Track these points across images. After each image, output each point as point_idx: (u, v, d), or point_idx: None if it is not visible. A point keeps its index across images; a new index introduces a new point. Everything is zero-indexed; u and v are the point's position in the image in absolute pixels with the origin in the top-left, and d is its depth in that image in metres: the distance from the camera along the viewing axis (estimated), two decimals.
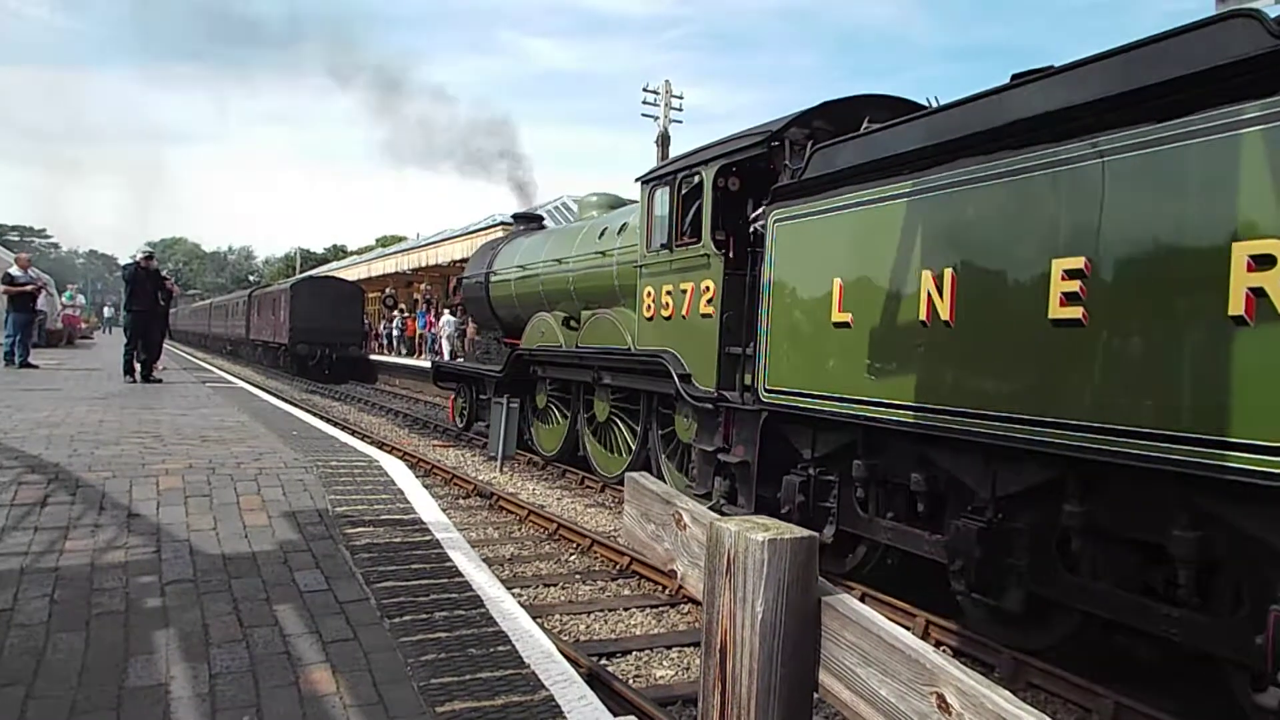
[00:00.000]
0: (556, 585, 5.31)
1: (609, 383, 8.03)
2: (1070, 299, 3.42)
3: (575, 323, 8.85)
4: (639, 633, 4.56)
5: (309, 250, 72.64)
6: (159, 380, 11.29)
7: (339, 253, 68.31)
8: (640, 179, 7.49)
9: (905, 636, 1.71)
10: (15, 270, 13.14)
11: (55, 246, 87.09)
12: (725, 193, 6.45)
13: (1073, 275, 3.42)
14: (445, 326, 21.32)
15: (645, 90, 24.99)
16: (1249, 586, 3.10)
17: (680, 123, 25.71)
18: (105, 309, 42.62)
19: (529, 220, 12.21)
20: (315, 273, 40.49)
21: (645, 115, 25.05)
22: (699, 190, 6.55)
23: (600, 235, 8.68)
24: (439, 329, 21.95)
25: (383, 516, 4.20)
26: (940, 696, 1.60)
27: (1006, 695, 1.54)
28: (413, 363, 22.47)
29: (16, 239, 71.44)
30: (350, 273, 34.59)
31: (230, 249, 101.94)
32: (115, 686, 2.34)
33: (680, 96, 25.25)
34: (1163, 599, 3.35)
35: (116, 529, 3.64)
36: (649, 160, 26.39)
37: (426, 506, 4.51)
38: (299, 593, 3.08)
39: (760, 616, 1.80)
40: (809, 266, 5.06)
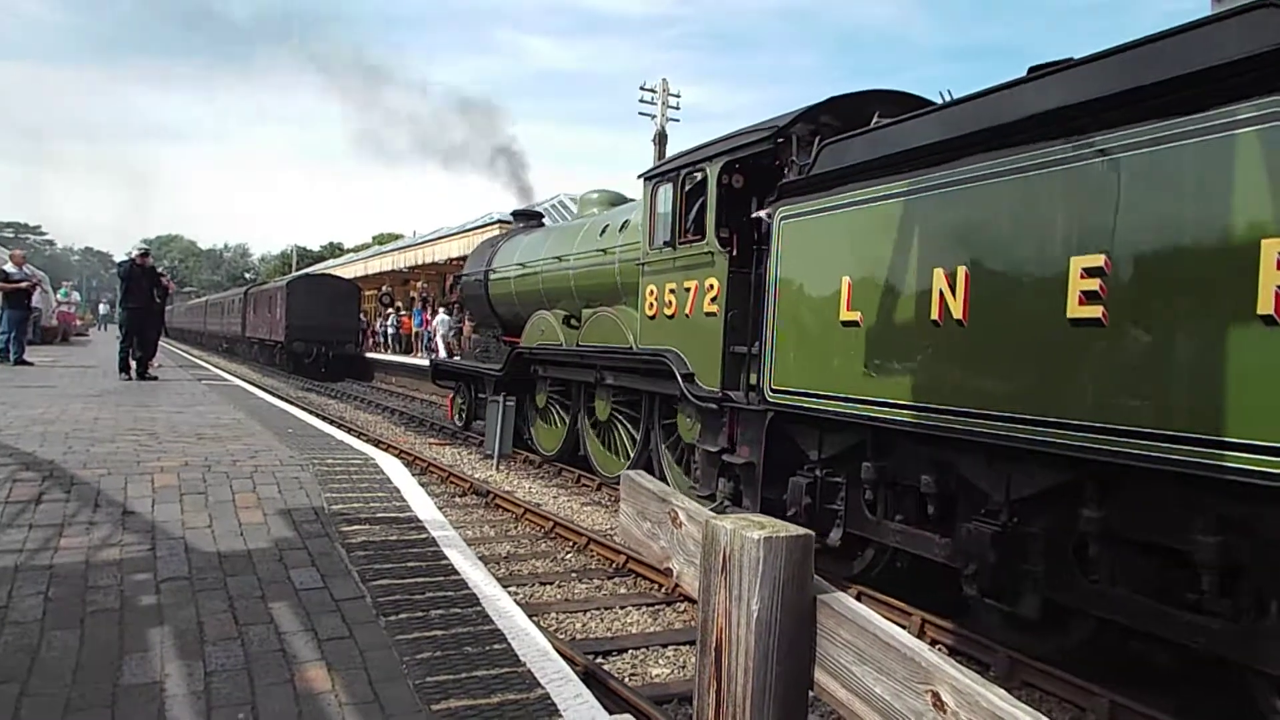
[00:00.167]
0: (552, 583, 5.34)
1: (612, 383, 8.03)
2: (1089, 298, 3.38)
3: (576, 321, 8.86)
4: (635, 631, 4.60)
5: (305, 248, 72.93)
6: (154, 378, 11.34)
7: (335, 250, 68.42)
8: (643, 175, 7.48)
9: (900, 635, 1.73)
10: (10, 267, 13.22)
11: (50, 243, 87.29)
12: (729, 190, 6.43)
13: (1092, 273, 3.37)
14: (440, 325, 21.35)
15: (642, 89, 25.18)
16: (1275, 592, 3.06)
17: (677, 121, 25.93)
18: (100, 306, 42.78)
19: (529, 218, 12.20)
20: (312, 270, 40.61)
21: (642, 114, 25.24)
22: (703, 187, 6.54)
23: (602, 233, 8.70)
24: (434, 327, 22.00)
25: (379, 514, 4.22)
26: (935, 695, 1.62)
27: (1001, 693, 1.56)
28: (409, 360, 22.51)
29: (11, 235, 71.80)
30: (347, 270, 34.72)
31: (226, 246, 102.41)
32: (110, 684, 2.36)
33: (678, 95, 25.44)
34: (1183, 605, 3.30)
35: (111, 526, 3.66)
36: (646, 159, 26.48)
37: (423, 504, 4.53)
38: (294, 590, 3.11)
39: (756, 614, 1.82)
40: (816, 264, 5.03)
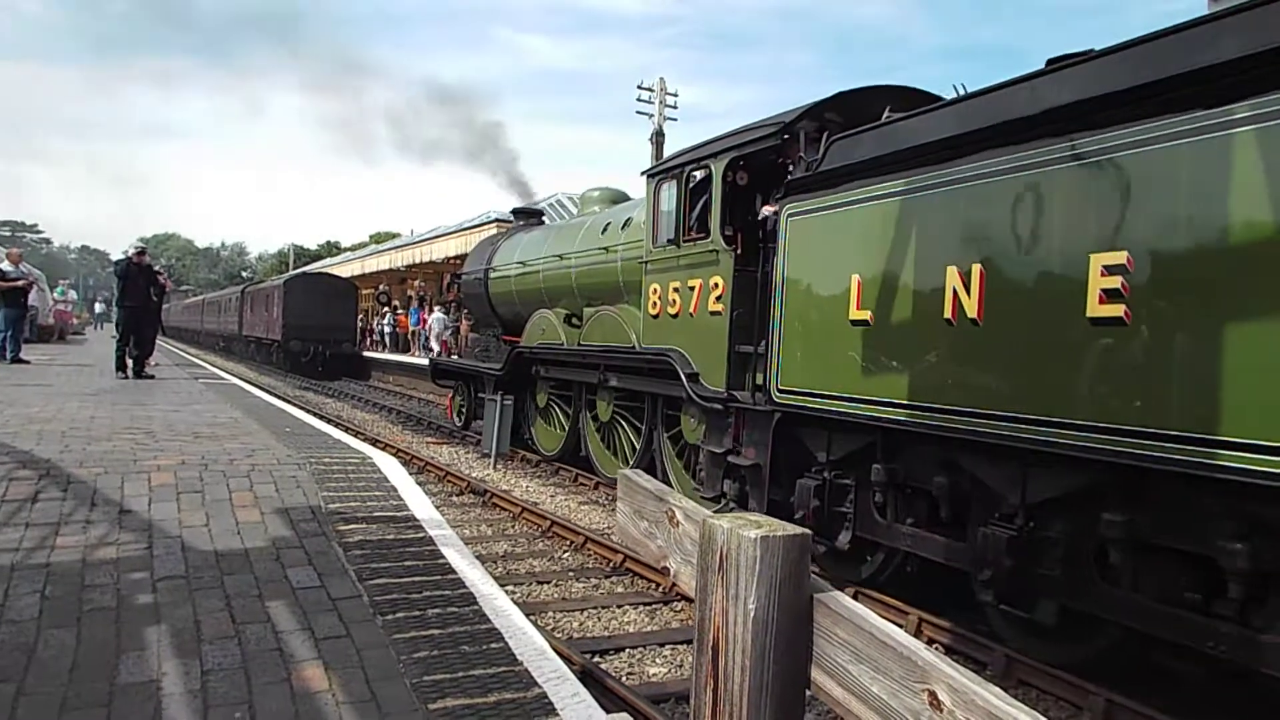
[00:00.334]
0: (550, 582, 5.39)
1: (615, 385, 8.03)
2: (1111, 296, 3.35)
3: (577, 320, 8.89)
4: (632, 630, 4.65)
5: (302, 246, 73.11)
6: (151, 376, 11.40)
7: (333, 249, 68.57)
8: (646, 173, 7.50)
9: (897, 634, 1.75)
10: (6, 265, 13.29)
11: (47, 242, 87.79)
12: (734, 187, 6.43)
13: (1113, 271, 3.35)
14: (435, 324, 21.34)
15: (640, 88, 25.32)
16: None
17: (675, 120, 26.02)
18: (97, 304, 42.94)
19: (529, 216, 12.22)
20: (309, 269, 40.74)
21: (640, 113, 25.38)
22: (707, 184, 6.55)
23: (604, 231, 8.72)
24: (429, 326, 22.03)
25: (376, 513, 4.25)
26: (932, 694, 1.63)
27: (998, 692, 1.58)
28: (406, 359, 22.58)
29: (8, 234, 72.20)
30: (344, 269, 34.86)
31: (223, 245, 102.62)
32: (106, 683, 2.39)
33: (675, 94, 25.59)
34: (1209, 613, 3.25)
35: (108, 525, 3.70)
36: (644, 158, 26.58)
37: (420, 503, 4.57)
38: (291, 589, 3.14)
39: (753, 613, 1.84)
40: (825, 262, 5.01)
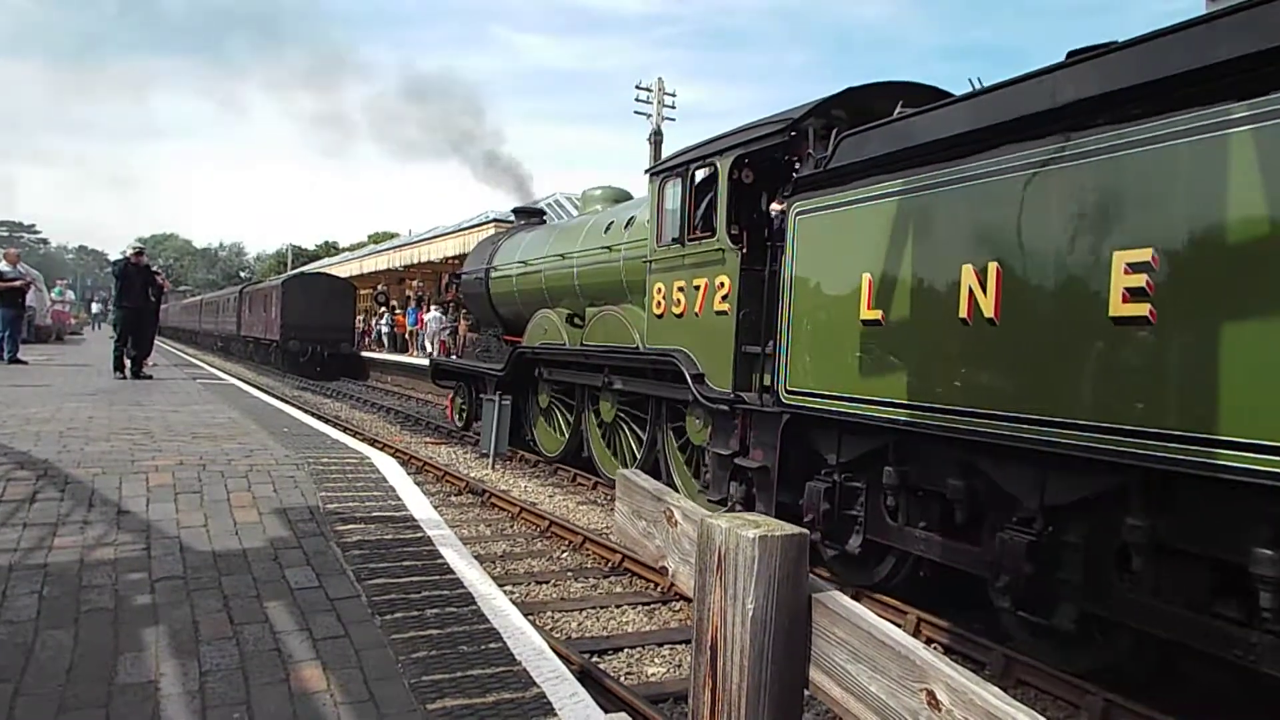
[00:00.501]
0: (548, 582, 5.43)
1: (619, 387, 8.03)
2: (1135, 295, 3.29)
3: (580, 320, 8.90)
4: (630, 630, 4.68)
5: (300, 246, 73.38)
6: (149, 376, 11.48)
7: (331, 249, 68.77)
8: (650, 170, 7.52)
9: (895, 633, 1.77)
10: (4, 265, 13.37)
11: (44, 242, 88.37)
12: (740, 185, 6.42)
13: (1138, 269, 3.29)
14: (432, 323, 21.33)
15: (638, 88, 25.54)
16: None
17: (673, 120, 26.19)
18: (94, 305, 43.14)
19: (530, 215, 12.23)
20: (307, 269, 40.89)
21: (638, 113, 25.60)
22: (712, 182, 6.54)
23: (606, 230, 8.74)
24: (425, 325, 22.05)
25: (374, 513, 4.29)
26: (930, 693, 1.65)
27: (996, 692, 1.60)
28: (404, 359, 22.65)
29: (5, 234, 72.61)
30: (342, 269, 34.99)
31: (221, 245, 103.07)
32: (104, 684, 2.41)
33: (673, 94, 25.80)
34: (1235, 621, 3.20)
35: (106, 526, 3.73)
36: (643, 158, 26.70)
37: (418, 503, 4.60)
38: (289, 590, 3.17)
39: (751, 613, 1.86)
40: (835, 261, 4.97)
